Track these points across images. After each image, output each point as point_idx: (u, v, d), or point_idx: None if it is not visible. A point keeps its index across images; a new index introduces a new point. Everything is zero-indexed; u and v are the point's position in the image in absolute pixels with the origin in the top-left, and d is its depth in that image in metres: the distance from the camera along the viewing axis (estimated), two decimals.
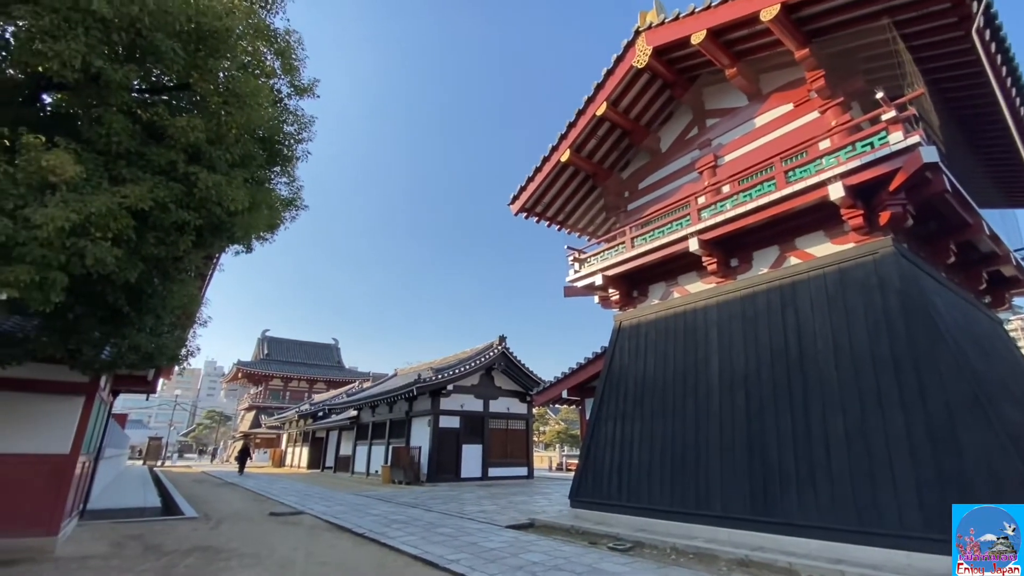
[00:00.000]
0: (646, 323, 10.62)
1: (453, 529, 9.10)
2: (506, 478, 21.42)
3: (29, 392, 6.93)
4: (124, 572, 6.00)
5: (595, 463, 10.08)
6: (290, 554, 7.23)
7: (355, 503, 13.37)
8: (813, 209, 8.02)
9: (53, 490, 6.82)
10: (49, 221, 3.53)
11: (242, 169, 5.04)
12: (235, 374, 51.26)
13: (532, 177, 12.21)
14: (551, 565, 6.39)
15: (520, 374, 22.92)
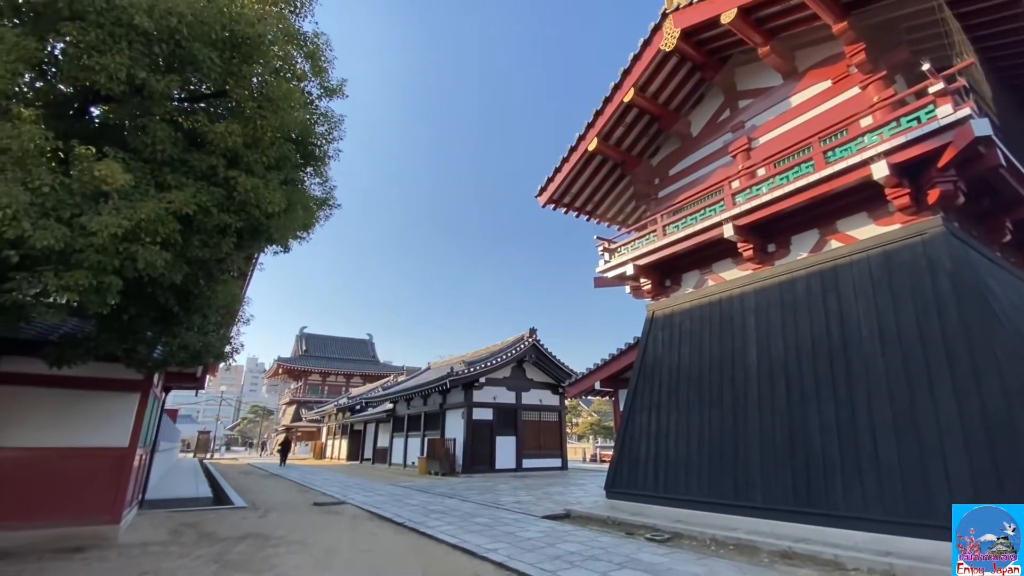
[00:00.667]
0: (680, 312, 10.44)
1: (490, 519, 9.23)
2: (540, 469, 21.55)
3: (91, 390, 7.38)
4: (182, 557, 6.34)
5: (630, 454, 10.02)
6: (334, 542, 7.49)
7: (394, 493, 13.71)
8: (855, 190, 7.69)
9: (114, 481, 7.26)
10: (103, 228, 3.75)
11: (278, 172, 5.20)
12: (276, 370, 53.16)
13: (559, 168, 12.12)
14: (588, 555, 6.41)
15: (551, 366, 22.93)
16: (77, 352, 5.49)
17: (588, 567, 5.82)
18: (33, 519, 6.69)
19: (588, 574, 5.52)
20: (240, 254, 5.68)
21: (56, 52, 4.88)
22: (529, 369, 23.15)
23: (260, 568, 5.90)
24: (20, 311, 3.97)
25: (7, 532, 6.50)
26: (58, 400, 7.18)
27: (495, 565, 6.09)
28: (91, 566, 5.84)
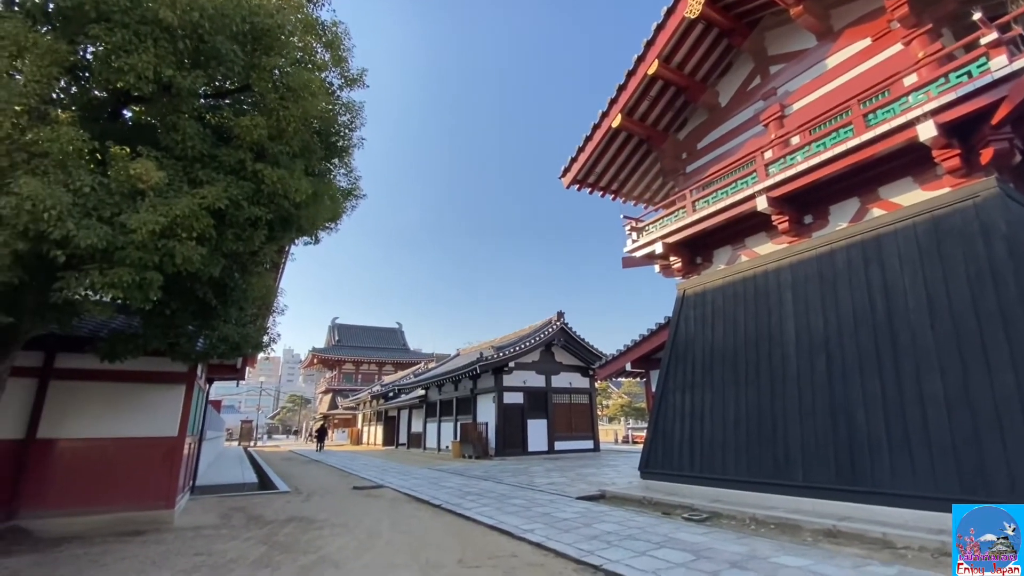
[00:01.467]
0: (712, 290, 10.19)
1: (525, 501, 9.32)
2: (572, 451, 21.64)
3: (140, 383, 7.72)
4: (233, 539, 6.63)
5: (664, 434, 9.92)
6: (375, 524, 7.69)
7: (430, 477, 14.00)
8: (899, 153, 7.29)
9: (167, 468, 7.62)
10: (142, 225, 3.86)
11: (303, 160, 5.24)
12: (311, 360, 54.70)
13: (583, 147, 11.89)
14: (626, 535, 6.40)
15: (580, 349, 22.84)
16: (127, 347, 5.73)
17: (626, 546, 5.81)
18: (95, 505, 7.08)
19: (627, 553, 5.51)
20: (272, 246, 5.78)
21: (87, 56, 5.01)
22: (558, 352, 23.13)
23: (306, 549, 6.11)
24: (72, 308, 4.15)
25: (73, 517, 6.91)
26: (111, 393, 7.54)
27: (532, 545, 6.14)
28: (150, 548, 6.16)
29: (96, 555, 5.78)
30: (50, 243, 3.73)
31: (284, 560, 5.64)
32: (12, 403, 6.91)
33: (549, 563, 5.45)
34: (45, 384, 7.16)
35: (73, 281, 3.92)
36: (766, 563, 5.05)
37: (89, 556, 5.73)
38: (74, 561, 5.53)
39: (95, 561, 5.53)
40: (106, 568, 5.31)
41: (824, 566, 4.87)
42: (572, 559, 5.46)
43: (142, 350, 5.78)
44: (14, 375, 6.96)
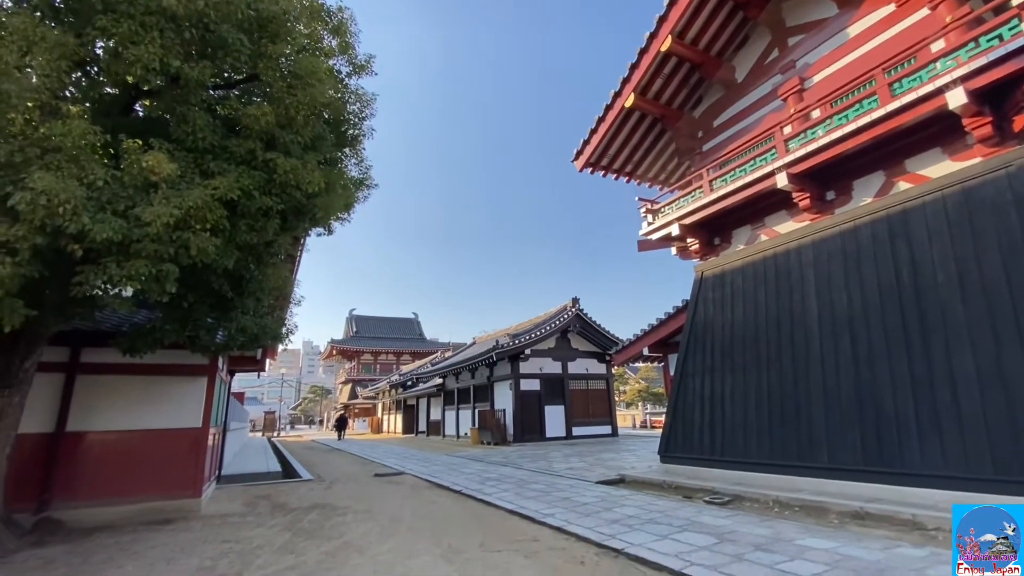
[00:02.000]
0: (731, 271, 9.98)
1: (544, 485, 9.34)
2: (590, 437, 21.65)
3: (163, 375, 7.86)
4: (258, 527, 6.75)
5: (684, 418, 9.82)
6: (397, 510, 7.78)
7: (449, 463, 14.12)
8: (927, 123, 6.99)
9: (192, 458, 7.77)
10: (157, 218, 3.86)
11: (314, 152, 5.21)
12: (330, 351, 55.49)
13: (595, 128, 11.67)
14: (647, 518, 6.36)
15: (596, 335, 22.73)
16: (146, 341, 5.81)
17: (648, 530, 5.77)
18: (124, 495, 7.27)
19: (649, 537, 5.46)
20: (286, 237, 5.78)
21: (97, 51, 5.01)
22: (574, 339, 23.05)
23: (330, 535, 6.19)
24: (91, 303, 4.20)
25: (104, 508, 7.11)
26: (136, 386, 7.69)
27: (553, 529, 6.14)
28: (178, 536, 6.30)
29: (127, 543, 5.93)
30: (67, 237, 3.76)
31: (308, 546, 5.73)
32: (41, 397, 7.09)
33: (571, 547, 5.44)
34: (72, 378, 7.32)
35: (92, 275, 3.96)
36: (791, 545, 4.97)
37: (120, 545, 5.89)
38: (106, 549, 5.68)
39: (125, 549, 5.68)
40: (137, 556, 5.44)
41: (852, 548, 4.78)
42: (593, 543, 5.45)
43: (160, 343, 5.86)
44: (42, 370, 7.14)
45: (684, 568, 4.42)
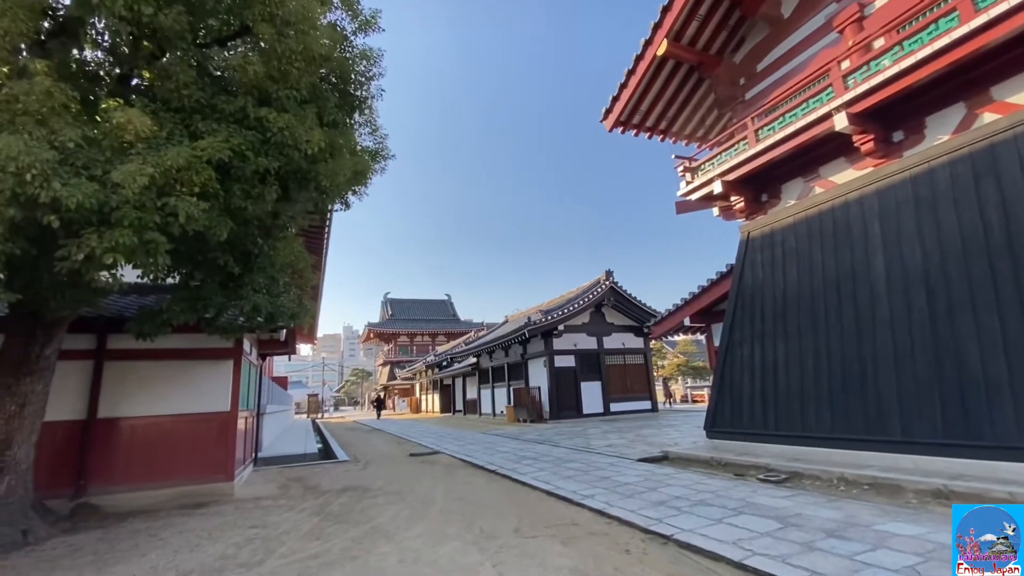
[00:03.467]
0: (781, 229, 9.08)
1: (583, 464, 8.89)
2: (629, 412, 21.08)
3: (189, 360, 7.76)
4: (288, 511, 6.58)
5: (732, 390, 9.12)
6: (429, 491, 7.50)
7: (485, 442, 13.88)
8: (1019, 39, 5.92)
9: (223, 442, 7.68)
10: (129, 177, 3.49)
11: (312, 105, 4.73)
12: (367, 335, 56.60)
13: (625, 83, 10.79)
14: (697, 500, 5.81)
15: (632, 307, 21.94)
16: (155, 323, 5.59)
17: (699, 513, 5.22)
18: (158, 480, 7.24)
19: (701, 521, 4.92)
20: (292, 207, 5.39)
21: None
22: (609, 313, 22.34)
23: (358, 520, 5.93)
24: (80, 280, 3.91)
25: (139, 492, 7.10)
26: (162, 371, 7.61)
27: (593, 512, 5.67)
28: (208, 520, 6.18)
29: (157, 529, 5.83)
30: (43, 208, 3.45)
31: (335, 532, 5.47)
32: (71, 385, 7.08)
33: (613, 532, 4.96)
34: (100, 365, 7.28)
35: (73, 249, 3.66)
36: (870, 531, 4.33)
37: (150, 530, 5.79)
38: (135, 536, 5.59)
39: (154, 535, 5.56)
40: (164, 542, 5.30)
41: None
42: (638, 528, 4.95)
43: (169, 324, 5.62)
44: (70, 358, 7.12)
45: (745, 559, 3.86)
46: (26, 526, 5.37)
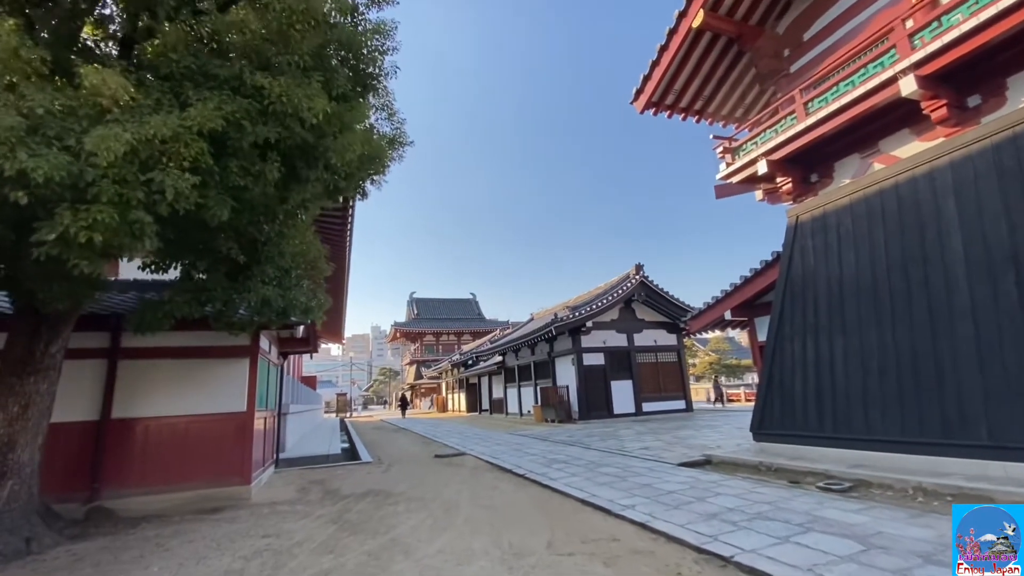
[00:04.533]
0: (835, 211, 8.25)
1: (618, 468, 8.25)
2: (662, 412, 20.21)
3: (203, 358, 7.46)
4: (304, 518, 6.18)
5: (782, 389, 8.34)
6: (454, 497, 7.01)
7: (512, 443, 13.35)
8: None
9: (240, 444, 7.36)
10: (102, 144, 3.07)
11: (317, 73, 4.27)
12: (394, 334, 56.89)
13: (657, 59, 10.07)
14: (753, 512, 5.13)
15: (664, 303, 21.05)
16: (156, 315, 5.24)
17: (760, 529, 4.56)
18: (174, 483, 6.96)
19: (763, 539, 4.26)
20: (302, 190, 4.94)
21: None
22: (639, 309, 21.50)
23: (376, 530, 5.47)
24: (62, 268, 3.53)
25: (154, 496, 6.83)
26: (177, 370, 7.34)
27: (636, 526, 5.06)
28: (221, 528, 5.82)
29: (166, 537, 5.49)
30: (11, 183, 3.07)
31: (351, 544, 5.01)
32: (84, 385, 6.86)
33: (660, 550, 4.35)
34: (114, 364, 7.04)
35: (46, 229, 3.28)
36: None
37: (159, 538, 5.45)
38: (142, 545, 5.25)
39: (161, 545, 5.21)
40: (170, 553, 4.94)
41: None
42: (690, 546, 4.32)
43: (172, 317, 5.26)
44: (83, 357, 6.90)
45: None
46: (30, 534, 5.09)
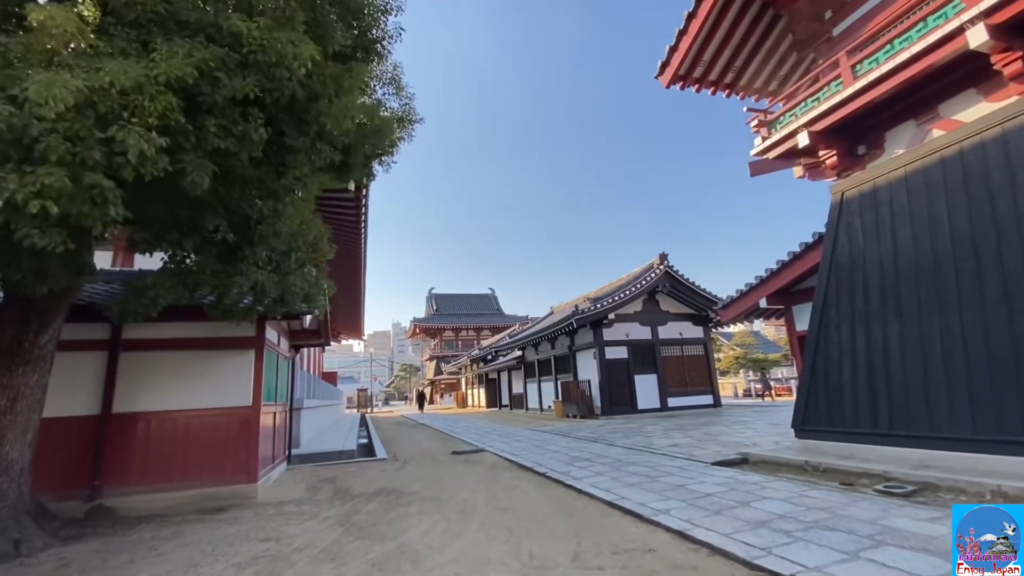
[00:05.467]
0: (887, 185, 7.47)
1: (647, 467, 7.65)
2: (689, 408, 19.45)
3: (207, 350, 7.12)
4: (311, 519, 5.77)
5: (827, 382, 7.61)
6: (470, 497, 6.53)
7: (533, 439, 12.83)
8: None
9: (245, 440, 7.00)
10: (44, 91, 2.62)
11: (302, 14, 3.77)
12: (413, 330, 56.93)
13: (684, 28, 9.36)
14: (808, 520, 4.49)
15: (690, 294, 20.23)
16: (140, 302, 4.84)
17: (819, 540, 3.93)
18: (177, 481, 6.64)
19: (827, 555, 3.64)
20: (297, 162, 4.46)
21: None
22: (663, 300, 20.71)
23: (385, 534, 5.01)
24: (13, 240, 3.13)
25: (157, 494, 6.51)
26: (180, 363, 7.01)
27: (673, 534, 4.48)
28: (221, 529, 5.45)
29: (163, 540, 5.13)
30: None
31: (355, 550, 4.56)
32: (85, 378, 6.57)
33: (704, 565, 3.76)
34: (115, 356, 6.73)
35: None
36: None
37: (155, 540, 5.09)
38: (136, 548, 4.89)
39: (154, 548, 4.84)
40: (162, 558, 4.56)
41: None
42: (740, 560, 3.73)
43: (155, 304, 4.85)
44: (82, 348, 6.61)
45: None
46: (19, 535, 4.77)
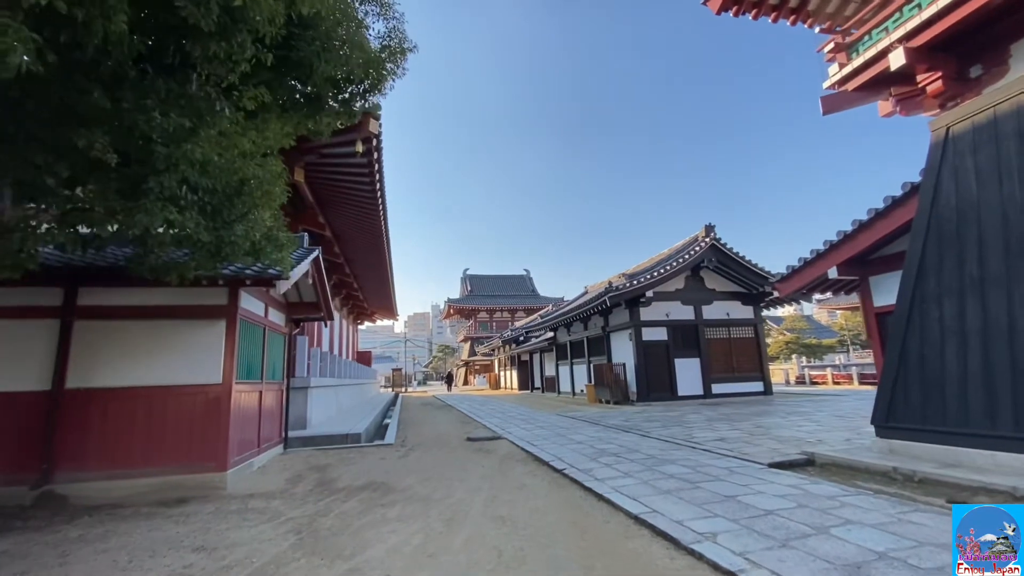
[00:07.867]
0: (1014, 114, 5.67)
1: (686, 467, 6.31)
2: (736, 395, 17.70)
3: (172, 319, 6.25)
4: (269, 521, 4.80)
5: (925, 369, 5.99)
6: (467, 498, 5.43)
7: (557, 425, 11.64)
8: None
9: (214, 423, 6.12)
10: None
11: None
12: (448, 311, 56.68)
13: None
14: (929, 563, 3.08)
15: (739, 270, 18.29)
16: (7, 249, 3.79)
17: None
18: (138, 466, 5.84)
19: None
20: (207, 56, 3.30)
21: None
22: (708, 277, 18.86)
23: (342, 549, 3.95)
24: None
25: (115, 481, 5.73)
26: (143, 333, 6.18)
27: (721, 574, 3.18)
28: (164, 530, 4.55)
29: (86, 541, 4.25)
30: None
31: (295, 572, 3.51)
32: (33, 349, 5.81)
33: None
34: (69, 325, 5.94)
35: None
36: None
37: (74, 543, 4.22)
38: (45, 552, 4.02)
39: (65, 554, 3.92)
40: (64, 568, 3.65)
41: None
42: None
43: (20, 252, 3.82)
44: (31, 316, 5.86)
45: None
46: None
